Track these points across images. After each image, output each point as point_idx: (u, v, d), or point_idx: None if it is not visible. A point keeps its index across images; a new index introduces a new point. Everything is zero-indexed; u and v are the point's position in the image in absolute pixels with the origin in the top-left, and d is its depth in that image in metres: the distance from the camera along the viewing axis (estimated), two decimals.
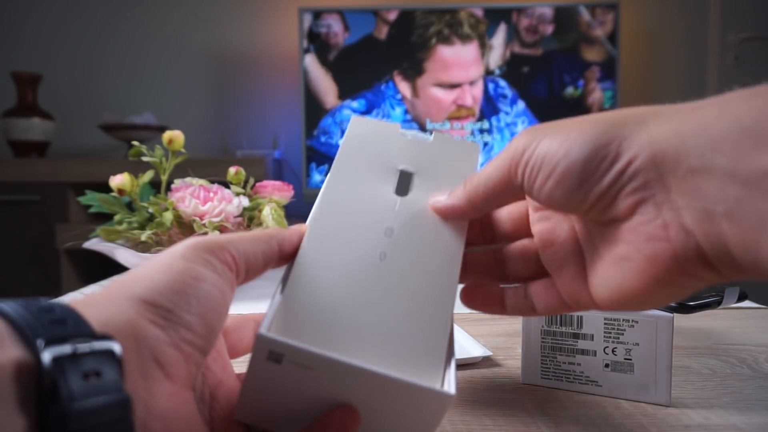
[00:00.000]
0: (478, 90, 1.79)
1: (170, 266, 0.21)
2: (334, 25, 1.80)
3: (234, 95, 2.11)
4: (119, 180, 0.62)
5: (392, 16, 1.79)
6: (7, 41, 2.10)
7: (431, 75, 1.79)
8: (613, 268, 0.23)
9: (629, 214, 0.22)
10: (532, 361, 0.40)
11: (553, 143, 0.23)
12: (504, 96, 1.79)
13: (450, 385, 0.23)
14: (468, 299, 0.30)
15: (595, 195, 0.22)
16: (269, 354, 0.20)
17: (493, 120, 1.79)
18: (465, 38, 1.78)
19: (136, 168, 0.73)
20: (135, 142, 0.67)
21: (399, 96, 1.80)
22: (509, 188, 0.25)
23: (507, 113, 1.79)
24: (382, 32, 1.80)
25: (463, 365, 0.45)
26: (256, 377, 0.21)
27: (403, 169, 0.29)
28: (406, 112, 1.81)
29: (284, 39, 2.06)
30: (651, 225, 0.21)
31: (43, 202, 1.73)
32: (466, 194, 0.27)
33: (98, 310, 0.19)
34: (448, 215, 0.28)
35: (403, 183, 0.28)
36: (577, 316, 0.38)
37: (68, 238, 1.66)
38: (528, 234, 0.29)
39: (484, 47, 1.78)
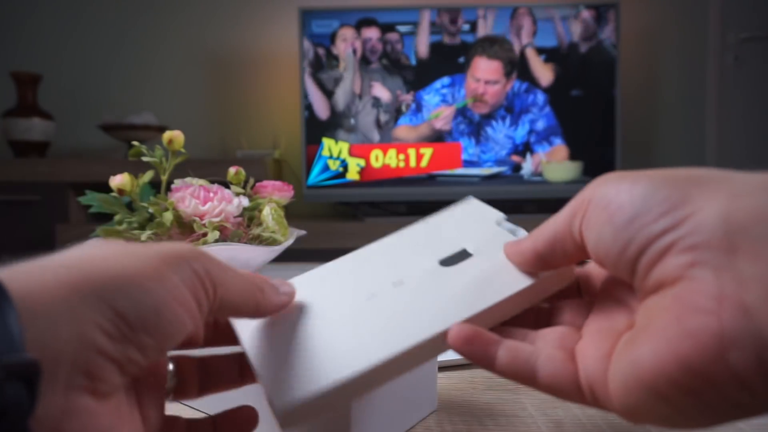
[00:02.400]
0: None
1: (156, 272, 0.19)
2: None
3: (234, 95, 2.11)
4: (119, 180, 0.62)
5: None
6: (7, 41, 2.10)
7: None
8: (640, 341, 0.18)
9: (678, 277, 0.17)
10: None
11: (617, 186, 0.20)
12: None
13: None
14: (457, 339, 0.22)
15: (642, 239, 0.18)
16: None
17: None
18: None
19: (136, 168, 0.73)
20: (135, 142, 0.67)
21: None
22: (571, 236, 0.22)
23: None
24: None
25: (464, 365, 0.45)
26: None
27: (465, 249, 0.28)
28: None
29: (284, 39, 2.06)
30: (701, 294, 0.16)
31: (43, 202, 1.73)
32: (532, 239, 0.24)
33: (48, 309, 0.16)
34: (515, 256, 0.25)
35: (455, 258, 0.27)
36: None
37: (68, 238, 1.66)
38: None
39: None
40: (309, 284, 0.27)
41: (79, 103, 2.11)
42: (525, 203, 1.89)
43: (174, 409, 0.36)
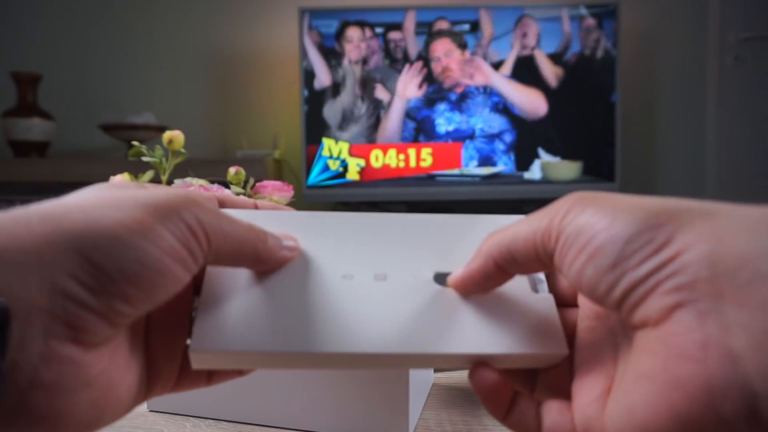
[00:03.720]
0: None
1: (138, 224, 0.18)
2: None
3: (234, 95, 2.11)
4: (119, 180, 0.62)
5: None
6: (7, 41, 2.10)
7: None
8: (631, 386, 0.18)
9: (662, 319, 0.17)
10: None
11: (598, 214, 0.19)
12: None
13: None
14: (477, 379, 0.22)
15: (627, 283, 0.17)
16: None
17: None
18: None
19: (136, 168, 0.73)
20: (135, 142, 0.67)
21: None
22: (537, 253, 0.21)
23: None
24: None
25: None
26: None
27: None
28: None
29: (284, 39, 2.06)
30: (685, 338, 0.16)
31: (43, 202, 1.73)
32: (487, 250, 0.22)
33: (17, 260, 0.16)
34: (465, 283, 0.23)
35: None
36: None
37: None
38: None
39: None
40: (303, 230, 0.25)
41: (79, 103, 2.11)
42: (525, 203, 1.89)
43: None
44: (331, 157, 1.81)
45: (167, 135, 0.65)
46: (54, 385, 0.17)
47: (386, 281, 0.24)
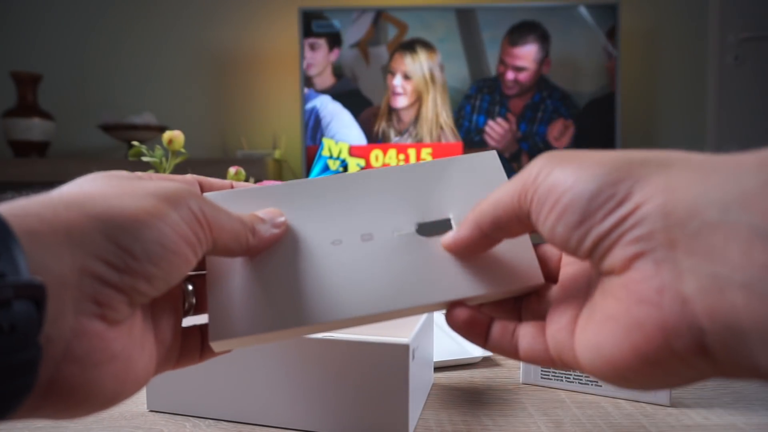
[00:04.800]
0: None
1: (155, 209, 0.20)
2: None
3: (234, 95, 2.11)
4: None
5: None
6: (7, 41, 2.10)
7: None
8: (599, 327, 0.20)
9: (625, 267, 0.18)
10: None
11: (564, 172, 0.20)
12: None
13: None
14: (452, 318, 0.25)
15: (594, 237, 0.19)
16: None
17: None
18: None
19: (136, 168, 0.73)
20: (135, 142, 0.67)
21: None
22: (518, 216, 0.22)
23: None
24: None
25: (463, 365, 0.45)
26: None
27: (448, 219, 0.26)
28: None
29: (284, 39, 2.06)
30: (644, 285, 0.18)
31: None
32: (474, 219, 0.24)
33: (48, 241, 0.17)
34: (458, 249, 0.25)
35: (434, 227, 0.26)
36: None
37: None
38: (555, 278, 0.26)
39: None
40: (287, 202, 0.27)
41: (79, 103, 2.11)
42: None
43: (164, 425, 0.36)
44: (331, 157, 1.81)
45: (167, 135, 0.65)
46: (84, 358, 0.18)
47: (373, 240, 0.25)
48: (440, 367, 0.45)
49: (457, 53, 1.81)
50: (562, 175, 0.20)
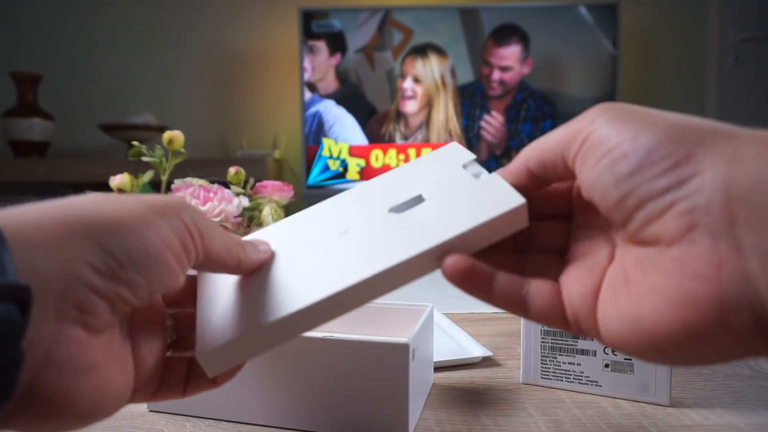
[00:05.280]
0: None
1: (145, 218, 0.20)
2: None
3: (234, 95, 2.11)
4: (119, 180, 0.62)
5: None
6: (7, 41, 2.10)
7: None
8: (638, 299, 0.19)
9: (677, 238, 0.17)
10: (532, 361, 0.40)
11: (624, 122, 0.19)
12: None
13: None
14: (448, 269, 0.23)
15: (642, 195, 0.18)
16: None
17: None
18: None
19: (136, 168, 0.73)
20: (135, 142, 0.67)
21: None
22: (563, 157, 0.21)
23: None
24: None
25: (463, 365, 0.45)
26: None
27: (420, 194, 0.26)
28: None
29: (284, 39, 2.06)
30: (700, 260, 0.17)
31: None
32: (523, 155, 0.24)
33: (37, 244, 0.17)
34: (508, 175, 0.24)
35: (407, 204, 0.26)
36: None
37: None
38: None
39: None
40: (268, 237, 0.27)
41: (79, 103, 2.11)
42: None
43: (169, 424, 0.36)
44: (331, 157, 1.81)
45: (167, 135, 0.65)
46: (64, 364, 0.17)
47: (348, 233, 0.26)
48: (440, 367, 0.45)
49: (461, 56, 1.80)
50: (621, 125, 0.19)
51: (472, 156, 0.27)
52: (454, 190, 0.25)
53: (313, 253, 0.25)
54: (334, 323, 0.43)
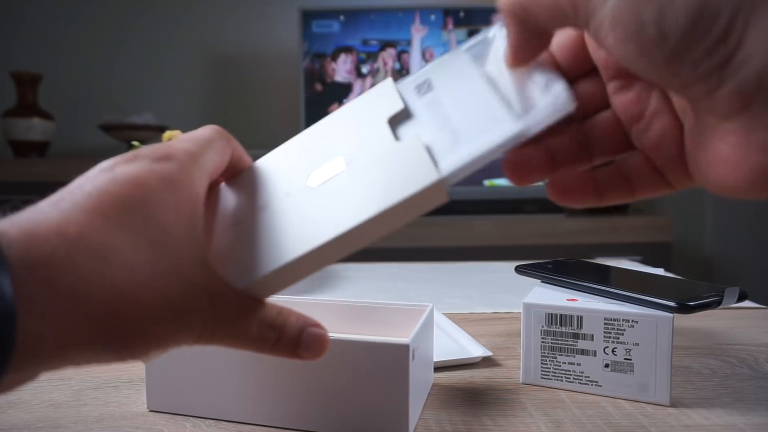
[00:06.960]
0: None
1: (157, 317, 0.21)
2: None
3: (234, 95, 2.11)
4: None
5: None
6: (7, 41, 2.10)
7: None
8: (717, 167, 0.18)
9: (736, 111, 0.17)
10: (532, 361, 0.40)
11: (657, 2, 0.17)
12: None
13: None
14: (557, 192, 0.24)
15: (685, 80, 0.17)
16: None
17: None
18: None
19: None
20: (135, 142, 0.67)
21: None
22: (568, 10, 0.19)
23: None
24: None
25: (463, 365, 0.45)
26: None
27: (341, 159, 0.26)
28: None
29: (284, 39, 2.06)
30: (764, 133, 0.16)
31: None
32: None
33: (52, 211, 0.19)
34: (514, 58, 0.22)
35: (326, 171, 0.26)
36: (577, 316, 0.38)
37: None
38: (605, 104, 0.24)
39: None
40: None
41: (79, 103, 2.11)
42: (525, 203, 1.89)
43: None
44: None
45: (167, 135, 0.65)
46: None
47: (267, 209, 0.27)
48: (440, 367, 0.45)
49: None
50: (653, 6, 0.17)
51: (401, 105, 0.24)
52: (371, 157, 0.24)
53: (285, 202, 0.26)
54: (334, 323, 0.43)
